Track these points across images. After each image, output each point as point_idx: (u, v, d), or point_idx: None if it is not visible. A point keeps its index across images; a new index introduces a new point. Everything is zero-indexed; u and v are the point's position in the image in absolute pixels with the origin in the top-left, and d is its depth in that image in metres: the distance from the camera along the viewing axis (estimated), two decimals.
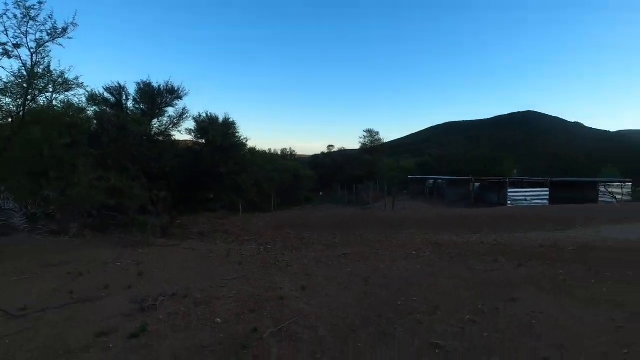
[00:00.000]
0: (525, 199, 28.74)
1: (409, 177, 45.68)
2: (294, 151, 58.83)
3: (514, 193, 28.95)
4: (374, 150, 57.51)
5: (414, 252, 9.17)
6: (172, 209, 16.32)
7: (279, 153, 54.06)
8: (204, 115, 24.07)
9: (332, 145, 65.57)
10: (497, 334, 4.06)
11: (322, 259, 8.55)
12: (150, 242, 11.04)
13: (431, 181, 40.94)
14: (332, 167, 50.83)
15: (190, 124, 24.38)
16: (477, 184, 33.02)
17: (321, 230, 15.41)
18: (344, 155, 59.65)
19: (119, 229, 12.58)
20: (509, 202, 28.21)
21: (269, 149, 48.44)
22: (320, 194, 41.48)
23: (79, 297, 5.84)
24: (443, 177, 39.05)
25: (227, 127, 24.02)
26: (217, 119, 24.26)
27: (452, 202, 30.44)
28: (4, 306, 5.18)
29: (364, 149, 59.46)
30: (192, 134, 23.89)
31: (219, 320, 4.61)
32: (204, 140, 23.77)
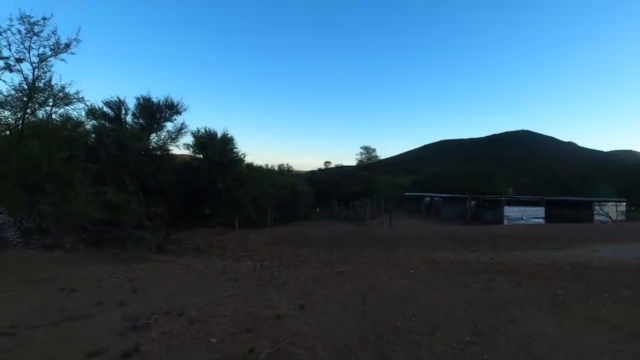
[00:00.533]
0: (522, 217, 28.85)
1: (406, 194, 45.81)
2: (291, 167, 59.01)
3: (510, 211, 29.08)
4: (370, 167, 57.87)
5: (411, 270, 9.11)
6: (169, 224, 16.18)
7: (276, 169, 54.19)
8: (203, 130, 24.20)
9: (328, 162, 65.92)
10: (497, 355, 4.01)
11: (320, 277, 8.47)
12: (146, 257, 10.89)
13: (427, 199, 41.05)
14: (329, 183, 50.91)
15: (188, 139, 24.48)
16: (473, 202, 33.16)
17: (318, 247, 15.31)
18: (341, 171, 59.85)
19: (114, 244, 12.41)
20: (505, 221, 28.30)
21: (266, 165, 48.51)
22: (317, 210, 41.37)
23: (70, 315, 5.71)
24: (439, 195, 39.18)
25: (226, 143, 24.09)
26: (215, 134, 24.36)
27: (449, 220, 30.46)
28: (1, 324, 5.05)
29: (361, 165, 59.81)
30: (190, 149, 23.93)
31: (214, 339, 4.52)
32: (202, 156, 23.78)
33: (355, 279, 8.21)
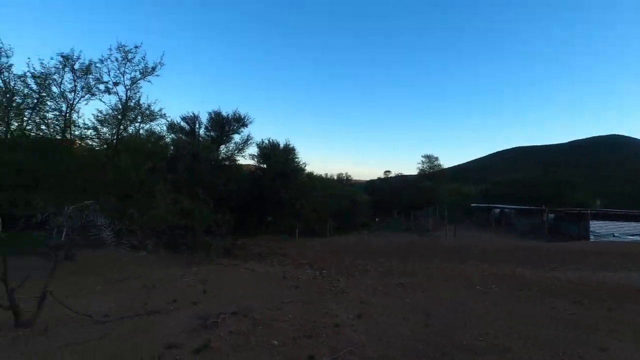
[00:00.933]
0: (613, 234, 25.21)
1: (472, 205, 42.91)
2: (350, 176, 59.10)
3: (598, 226, 25.60)
4: (433, 176, 55.45)
5: (478, 287, 8.49)
6: (235, 231, 17.19)
7: (335, 178, 54.69)
8: (266, 141, 25.51)
9: (388, 171, 64.71)
10: None
11: (379, 287, 8.30)
12: (215, 261, 11.70)
13: (497, 210, 37.97)
14: (389, 192, 49.86)
15: (253, 149, 25.99)
16: (551, 215, 29.88)
17: (378, 257, 15.03)
18: (402, 180, 58.30)
19: (187, 248, 13.56)
20: (591, 237, 24.96)
21: (326, 174, 49.28)
22: (377, 220, 40.69)
23: (151, 309, 6.36)
24: (511, 207, 36.04)
25: (288, 153, 25.09)
26: (278, 145, 25.51)
27: (523, 233, 27.79)
28: (90, 312, 5.81)
29: (422, 174, 57.67)
30: (255, 159, 25.36)
31: (275, 342, 4.68)
32: (265, 166, 25.02)
33: (416, 291, 7.90)
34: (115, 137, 13.02)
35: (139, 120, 13.46)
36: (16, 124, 10.96)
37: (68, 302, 5.81)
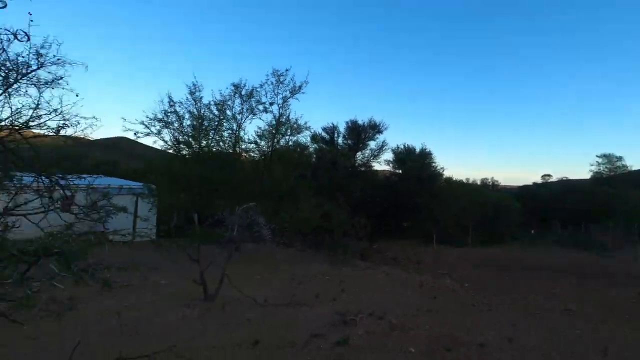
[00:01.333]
0: None
1: None
2: (497, 181, 52.37)
3: None
4: (613, 180, 43.71)
5: None
6: (371, 235, 17.66)
7: (479, 183, 49.44)
8: (402, 146, 25.30)
9: (548, 174, 54.51)
10: None
11: (536, 312, 7.17)
12: (351, 262, 12.32)
13: None
14: (549, 200, 41.91)
15: (388, 155, 26.15)
16: None
17: (533, 275, 12.91)
18: (566, 185, 48.20)
19: (328, 249, 14.69)
20: None
21: (467, 179, 45.10)
22: (532, 231, 34.80)
23: (298, 301, 7.20)
24: None
25: (424, 157, 24.29)
26: (413, 149, 24.98)
27: None
28: (254, 296, 6.97)
29: (597, 178, 46.28)
30: (390, 164, 25.47)
31: (412, 349, 4.65)
32: (400, 171, 24.85)
33: (589, 322, 6.48)
34: (270, 149, 15.29)
35: (288, 134, 15.48)
36: (204, 142, 14.18)
37: (237, 286, 7.15)
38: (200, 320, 5.78)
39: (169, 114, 14.04)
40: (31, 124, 3.46)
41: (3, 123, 3.18)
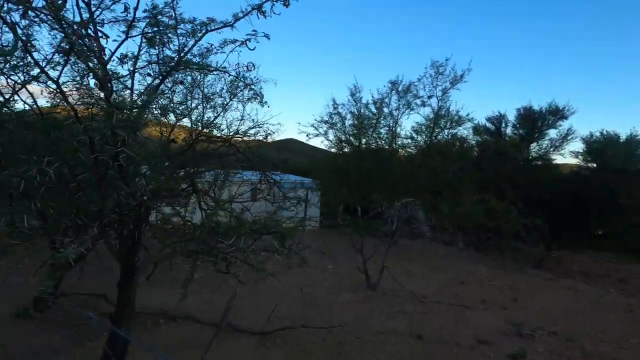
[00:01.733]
0: None
1: None
2: None
3: None
4: None
5: None
6: (549, 240, 14.93)
7: None
8: (598, 134, 20.13)
9: None
10: None
11: None
12: (523, 270, 10.80)
13: None
14: None
15: (576, 145, 21.24)
16: None
17: None
18: None
19: (494, 251, 13.26)
20: None
21: None
22: None
23: (460, 302, 6.85)
24: None
25: (632, 146, 18.70)
26: (616, 137, 19.52)
27: None
28: (413, 290, 7.03)
29: None
30: (580, 156, 20.64)
31: None
32: (594, 164, 19.95)
33: None
34: (427, 143, 14.81)
35: (448, 127, 14.58)
36: (364, 140, 14.95)
37: (397, 279, 7.37)
38: (364, 305, 6.28)
39: (333, 115, 15.40)
40: (241, 132, 4.61)
41: (232, 134, 4.30)
